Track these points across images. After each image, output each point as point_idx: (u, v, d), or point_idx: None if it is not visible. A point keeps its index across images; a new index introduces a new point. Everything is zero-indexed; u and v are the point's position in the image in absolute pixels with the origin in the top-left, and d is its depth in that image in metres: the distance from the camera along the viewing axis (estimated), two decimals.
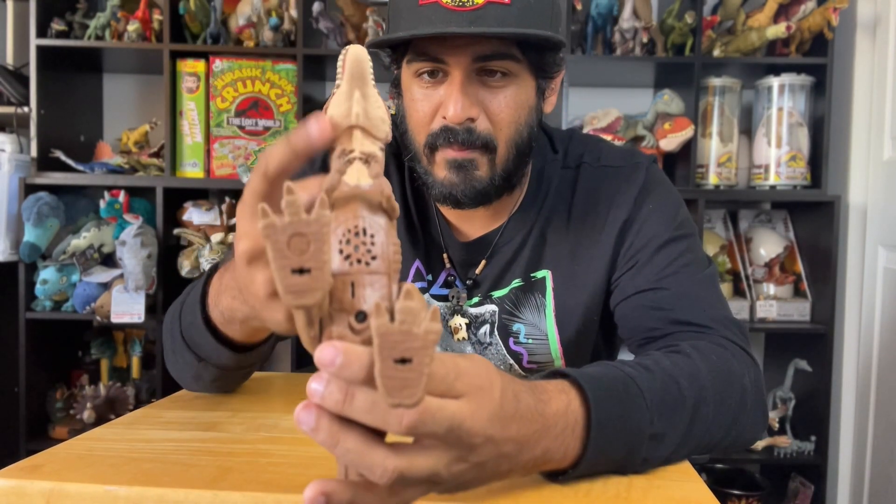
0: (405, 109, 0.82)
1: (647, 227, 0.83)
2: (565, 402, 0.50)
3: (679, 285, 0.79)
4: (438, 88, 0.77)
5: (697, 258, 0.82)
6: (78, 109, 2.11)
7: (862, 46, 1.97)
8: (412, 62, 0.77)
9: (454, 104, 0.74)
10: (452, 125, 0.75)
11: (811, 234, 2.06)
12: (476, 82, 0.75)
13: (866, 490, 1.93)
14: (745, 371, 0.68)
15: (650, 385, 0.57)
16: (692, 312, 0.76)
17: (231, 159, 1.94)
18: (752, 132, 2.06)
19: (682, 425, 0.58)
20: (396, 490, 0.40)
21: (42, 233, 1.85)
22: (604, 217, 0.85)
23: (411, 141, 0.81)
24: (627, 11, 1.91)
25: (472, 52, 0.73)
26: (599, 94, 2.21)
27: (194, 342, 0.68)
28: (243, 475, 0.50)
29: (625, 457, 0.53)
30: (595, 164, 0.88)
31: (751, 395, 0.67)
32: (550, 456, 0.49)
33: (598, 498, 0.48)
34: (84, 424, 1.88)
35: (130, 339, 2.08)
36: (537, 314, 0.87)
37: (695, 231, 0.86)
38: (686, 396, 0.59)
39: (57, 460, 0.53)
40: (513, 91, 0.77)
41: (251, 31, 1.94)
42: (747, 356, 0.72)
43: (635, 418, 0.54)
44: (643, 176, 0.86)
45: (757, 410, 0.68)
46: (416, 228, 0.90)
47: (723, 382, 0.64)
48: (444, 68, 0.75)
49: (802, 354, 1.98)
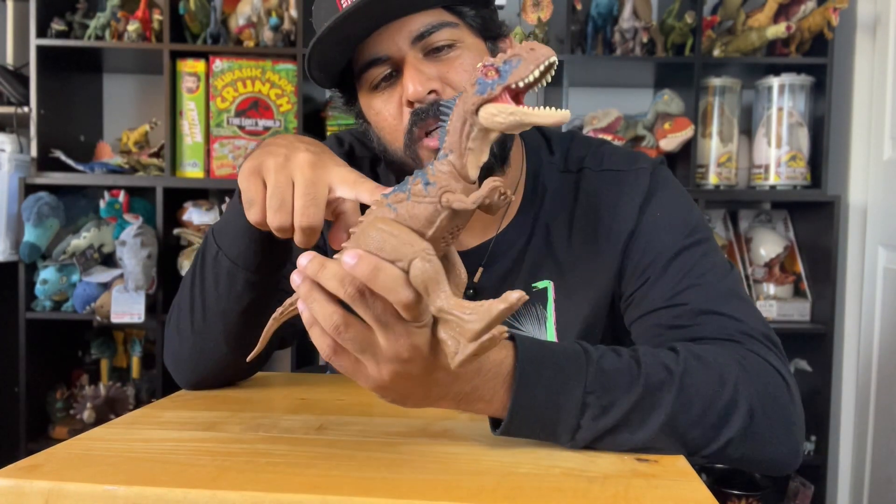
0: (375, 129, 0.80)
1: (655, 237, 0.78)
2: (502, 356, 0.56)
3: (696, 300, 0.73)
4: (396, 88, 0.76)
5: (715, 265, 0.76)
6: (78, 109, 2.11)
7: (862, 46, 1.97)
8: (362, 75, 0.76)
9: (410, 82, 0.72)
10: (419, 106, 0.73)
11: (811, 234, 2.06)
12: (427, 61, 0.74)
13: (866, 490, 1.92)
14: (751, 379, 0.62)
15: (605, 361, 0.58)
16: (712, 329, 0.70)
17: (231, 159, 1.94)
18: (752, 132, 2.06)
19: (629, 402, 0.57)
20: (343, 352, 0.51)
21: (42, 233, 1.85)
22: (607, 227, 0.81)
23: (392, 154, 0.79)
24: (627, 11, 1.91)
25: (406, 34, 0.73)
26: (599, 94, 2.21)
27: (223, 239, 0.72)
28: (242, 475, 0.50)
29: (554, 417, 0.56)
30: (597, 169, 0.84)
31: (767, 405, 0.61)
32: (479, 395, 0.55)
33: (598, 497, 0.48)
34: (84, 424, 1.88)
35: (130, 339, 2.08)
36: (537, 326, 0.84)
37: (709, 235, 0.79)
38: (644, 375, 0.58)
39: (56, 460, 0.53)
40: (466, 56, 0.75)
41: (251, 31, 1.94)
42: (769, 367, 0.65)
43: (569, 382, 0.56)
44: (647, 181, 0.81)
45: (774, 427, 0.62)
46: None
47: (704, 379, 0.60)
48: (394, 64, 0.74)
49: (802, 354, 1.98)
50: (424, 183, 0.48)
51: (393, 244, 0.46)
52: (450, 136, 0.48)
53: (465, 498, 0.47)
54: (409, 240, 0.46)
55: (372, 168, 0.91)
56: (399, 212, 0.48)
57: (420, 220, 0.48)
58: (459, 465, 0.53)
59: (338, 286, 0.47)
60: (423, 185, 0.48)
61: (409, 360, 0.50)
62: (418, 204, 0.48)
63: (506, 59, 0.46)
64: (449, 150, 0.48)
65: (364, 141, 0.92)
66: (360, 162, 0.91)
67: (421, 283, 0.45)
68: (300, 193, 0.57)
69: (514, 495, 0.47)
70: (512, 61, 0.46)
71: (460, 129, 0.48)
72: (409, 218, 0.48)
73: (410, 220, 0.48)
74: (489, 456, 0.56)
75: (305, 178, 0.57)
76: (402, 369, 0.50)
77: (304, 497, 0.46)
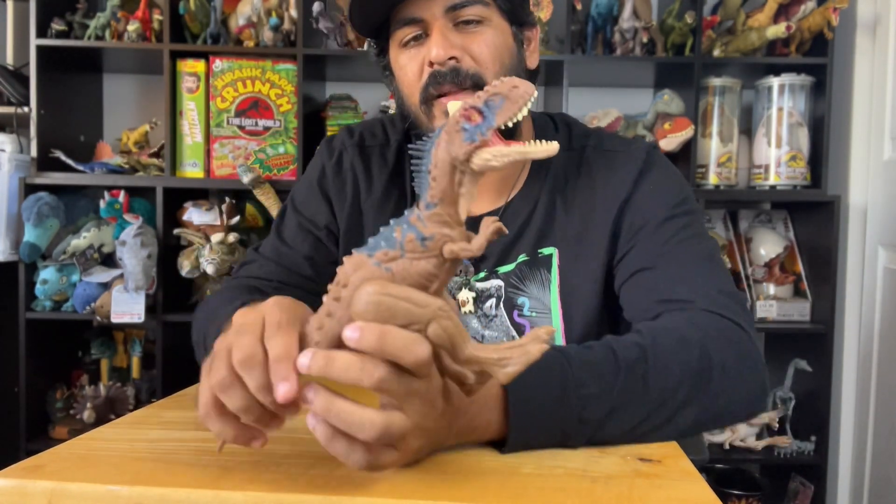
0: (398, 82, 0.88)
1: (645, 207, 0.85)
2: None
3: (670, 264, 0.80)
4: (422, 48, 0.83)
5: (695, 234, 0.83)
6: (78, 109, 2.11)
7: (862, 46, 1.97)
8: (395, 32, 0.84)
9: (435, 46, 0.80)
10: (439, 68, 0.81)
11: (811, 234, 2.06)
12: (454, 31, 0.82)
13: (866, 490, 1.93)
14: (716, 337, 0.68)
15: (583, 355, 0.61)
16: (678, 290, 0.77)
17: (231, 159, 1.94)
18: (752, 132, 2.06)
19: (614, 384, 0.59)
20: (378, 449, 0.46)
21: (42, 233, 1.85)
22: (604, 198, 0.87)
23: (408, 106, 0.87)
24: (627, 11, 1.91)
25: (442, 3, 0.81)
26: (599, 94, 2.21)
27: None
28: (245, 475, 0.50)
29: (559, 421, 0.57)
30: (598, 148, 0.92)
31: (728, 361, 0.66)
32: (475, 424, 0.55)
33: (601, 497, 0.48)
34: (84, 424, 1.88)
35: (130, 339, 2.08)
36: (542, 289, 0.89)
37: (696, 209, 0.86)
38: (620, 358, 0.61)
39: (58, 460, 0.53)
40: (490, 33, 0.83)
41: (251, 31, 1.94)
42: (733, 325, 0.71)
43: (557, 385, 0.57)
44: (643, 158, 0.88)
45: (741, 379, 0.67)
46: None
47: (671, 348, 0.64)
48: (425, 28, 0.82)
49: (802, 354, 1.98)
50: (420, 238, 0.46)
51: (405, 309, 0.44)
52: (437, 186, 0.47)
53: (468, 498, 0.47)
54: (421, 301, 0.44)
55: (381, 154, 0.97)
56: (395, 271, 0.46)
57: (422, 275, 0.46)
58: (462, 465, 0.53)
59: (359, 374, 0.44)
60: (418, 240, 0.46)
61: (428, 414, 0.48)
62: (417, 260, 0.46)
63: (486, 98, 0.46)
64: (438, 199, 0.46)
65: (374, 130, 0.98)
66: (369, 150, 0.97)
67: (447, 340, 0.45)
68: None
69: (518, 495, 0.47)
70: (494, 101, 0.45)
71: (449, 178, 0.46)
72: (407, 276, 0.46)
73: (409, 277, 0.46)
74: (492, 456, 0.56)
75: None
76: (423, 425, 0.49)
77: (307, 497, 0.46)
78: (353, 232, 0.94)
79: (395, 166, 0.96)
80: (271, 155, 1.96)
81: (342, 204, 0.95)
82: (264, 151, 1.95)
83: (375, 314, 0.44)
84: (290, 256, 0.93)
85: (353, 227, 0.94)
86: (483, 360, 0.46)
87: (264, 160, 1.95)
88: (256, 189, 1.86)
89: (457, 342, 0.45)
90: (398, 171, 0.96)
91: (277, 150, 1.96)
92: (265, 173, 1.93)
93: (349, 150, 0.97)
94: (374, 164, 0.96)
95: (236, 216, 1.94)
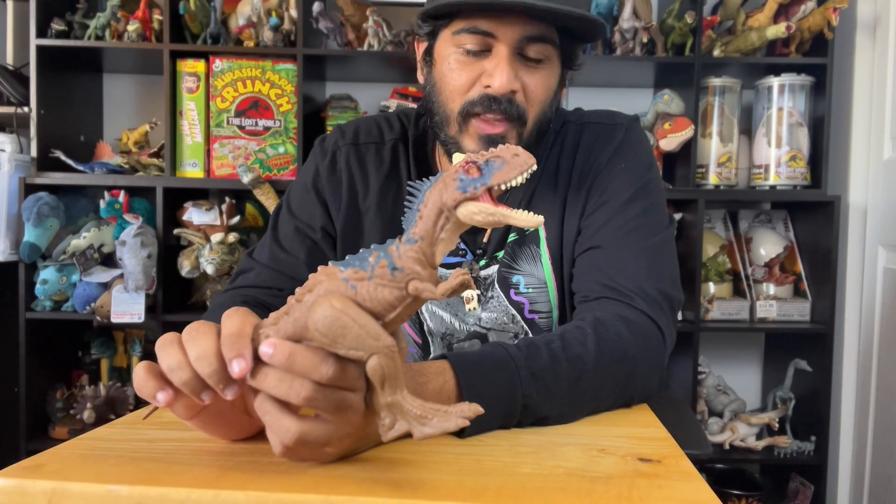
0: (439, 77, 0.86)
1: (611, 186, 0.88)
2: (441, 382, 0.59)
3: (621, 249, 0.83)
4: (481, 60, 0.82)
5: (651, 222, 0.86)
6: (78, 109, 2.11)
7: (862, 46, 1.97)
8: (460, 33, 0.82)
9: (502, 75, 0.79)
10: (496, 94, 0.81)
11: (811, 234, 2.06)
12: (518, 62, 0.82)
13: (866, 490, 1.93)
14: (640, 344, 0.74)
15: (530, 363, 0.64)
16: (622, 279, 0.81)
17: (231, 159, 1.94)
18: (752, 132, 2.06)
19: (559, 394, 0.65)
20: (296, 449, 0.49)
21: (42, 233, 1.85)
22: (580, 173, 0.90)
23: (442, 106, 0.86)
24: (627, 11, 1.91)
25: (521, 31, 0.80)
26: (599, 94, 2.21)
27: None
28: (245, 475, 0.50)
29: (504, 414, 0.62)
30: (578, 122, 0.94)
31: (640, 363, 0.73)
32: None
33: (601, 497, 0.48)
34: (84, 424, 1.88)
35: (130, 339, 2.08)
36: (534, 264, 0.92)
37: (658, 196, 0.89)
38: (566, 372, 0.66)
39: (59, 460, 0.53)
40: (546, 73, 0.84)
41: (251, 31, 1.94)
42: (655, 328, 0.78)
43: (507, 388, 0.62)
44: (621, 136, 0.91)
45: (649, 375, 0.75)
46: None
47: (610, 360, 0.70)
48: (490, 43, 0.81)
49: (802, 354, 1.98)
50: (391, 267, 0.47)
51: (356, 333, 0.46)
52: (423, 223, 0.48)
53: (468, 498, 0.47)
54: (373, 332, 0.46)
55: (377, 152, 0.96)
56: (359, 291, 0.47)
57: (382, 303, 0.47)
58: (462, 464, 0.53)
59: (287, 391, 0.47)
60: (389, 268, 0.47)
61: (358, 423, 0.51)
62: (382, 287, 0.47)
63: (488, 158, 0.47)
64: (420, 236, 0.48)
65: (369, 128, 0.98)
66: (363, 149, 0.97)
67: (380, 378, 0.46)
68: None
69: (518, 495, 0.47)
70: (494, 162, 0.47)
71: (435, 220, 0.48)
72: (369, 299, 0.47)
73: (371, 301, 0.47)
74: (492, 456, 0.56)
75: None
76: (352, 433, 0.52)
77: (307, 497, 0.46)
78: (352, 232, 0.94)
79: (391, 165, 0.95)
80: (271, 155, 1.96)
81: (338, 204, 0.94)
82: (264, 151, 1.95)
83: (328, 327, 0.46)
84: (288, 262, 0.93)
85: (351, 228, 0.94)
86: (405, 412, 0.47)
87: (264, 160, 1.95)
88: (256, 189, 1.86)
89: (389, 384, 0.47)
90: (394, 170, 0.95)
91: (277, 150, 1.96)
92: (265, 173, 1.94)
93: (343, 150, 0.96)
94: (370, 162, 0.95)
95: (236, 216, 1.94)
